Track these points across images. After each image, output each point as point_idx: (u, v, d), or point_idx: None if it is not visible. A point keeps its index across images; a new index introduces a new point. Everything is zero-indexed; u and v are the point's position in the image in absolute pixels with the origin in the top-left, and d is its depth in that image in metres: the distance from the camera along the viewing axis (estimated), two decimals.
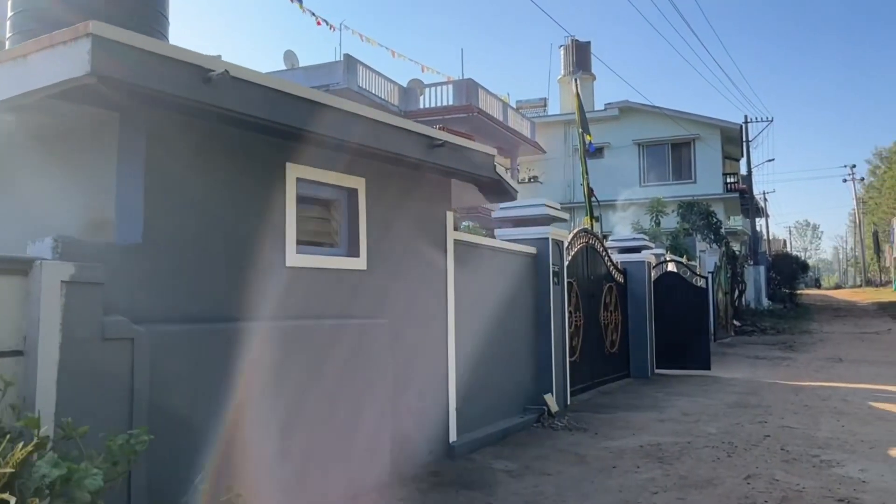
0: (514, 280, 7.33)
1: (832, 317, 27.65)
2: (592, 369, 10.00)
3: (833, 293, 52.72)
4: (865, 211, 72.12)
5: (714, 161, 29.46)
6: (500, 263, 7.02)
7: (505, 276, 7.13)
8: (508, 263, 7.23)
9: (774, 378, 11.39)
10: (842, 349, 16.07)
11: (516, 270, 7.41)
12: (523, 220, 7.87)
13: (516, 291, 7.38)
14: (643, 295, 11.73)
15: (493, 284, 6.85)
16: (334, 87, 22.32)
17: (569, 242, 9.31)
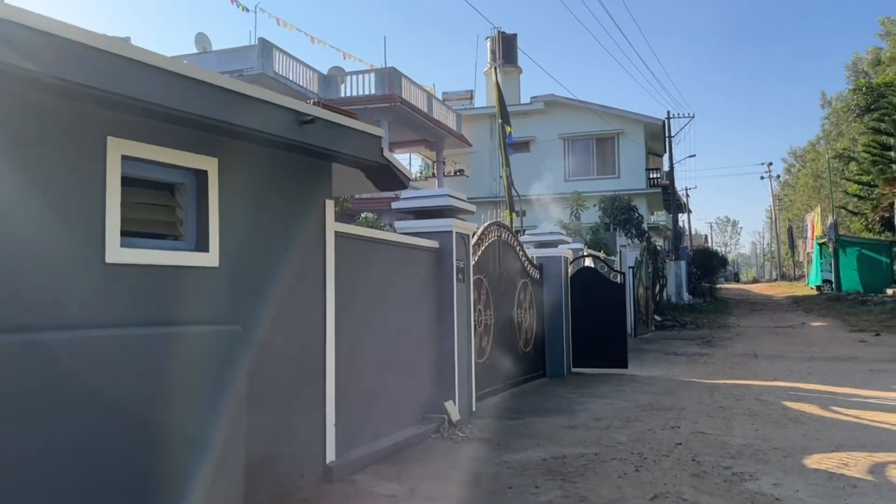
0: (412, 277, 6.67)
1: (749, 311, 28.16)
2: (504, 370, 9.46)
3: (751, 287, 54.30)
4: (781, 207, 74.78)
5: (637, 156, 29.60)
6: (395, 259, 6.35)
7: (402, 273, 6.47)
8: (406, 259, 6.56)
9: (691, 376, 11.12)
10: (758, 344, 16.10)
11: (416, 267, 6.76)
12: (426, 212, 7.23)
13: (415, 290, 6.73)
14: (559, 291, 11.28)
15: (386, 282, 6.18)
16: (248, 72, 21.27)
17: (479, 236, 8.73)
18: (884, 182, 22.54)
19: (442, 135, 28.26)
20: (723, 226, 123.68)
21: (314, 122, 4.46)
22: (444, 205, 7.07)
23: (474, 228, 7.67)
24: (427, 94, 26.95)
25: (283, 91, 22.72)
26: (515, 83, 32.55)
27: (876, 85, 30.62)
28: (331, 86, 24.62)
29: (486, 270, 8.93)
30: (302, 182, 4.93)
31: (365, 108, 23.82)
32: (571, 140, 29.93)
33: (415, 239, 6.82)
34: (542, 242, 11.41)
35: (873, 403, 8.63)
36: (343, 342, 5.35)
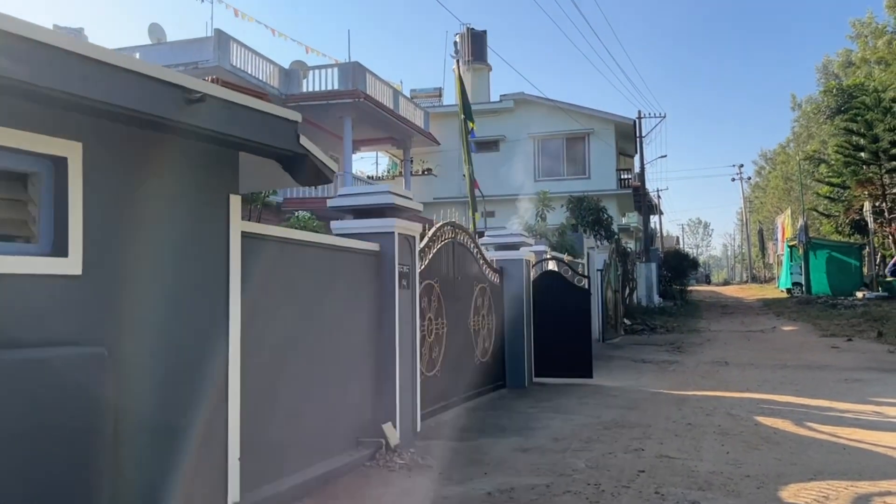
0: (347, 284, 5.94)
1: (720, 314, 27.81)
2: (458, 383, 8.76)
3: (722, 289, 54.31)
4: (752, 210, 75.17)
5: (608, 157, 29.11)
6: (324, 263, 5.61)
7: (333, 279, 5.73)
8: (339, 263, 5.82)
9: (659, 387, 10.52)
10: (728, 350, 15.60)
11: (351, 272, 6.02)
12: (365, 211, 6.49)
13: (350, 297, 6.00)
14: (521, 297, 10.62)
15: (313, 290, 5.44)
16: (203, 64, 20.34)
17: (430, 238, 8.02)
18: (856, 184, 22.29)
19: (409, 133, 27.52)
20: (694, 227, 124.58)
21: (204, 101, 3.70)
22: (384, 203, 6.34)
23: (420, 229, 6.96)
24: (393, 90, 26.19)
25: (242, 86, 21.84)
26: (485, 81, 31.94)
27: (846, 87, 30.50)
28: (292, 81, 23.75)
29: (439, 275, 8.22)
30: (197, 174, 4.18)
31: (327, 103, 23.04)
32: (541, 139, 29.36)
33: (350, 241, 6.08)
34: (502, 244, 10.73)
35: (849, 419, 8.09)
36: (252, 359, 4.60)
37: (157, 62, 21.48)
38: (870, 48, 33.83)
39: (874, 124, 21.15)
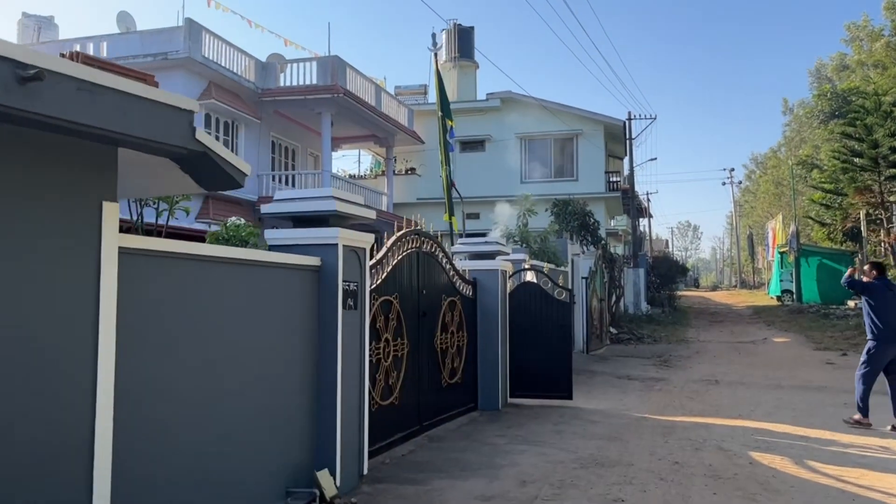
0: (276, 305, 5.02)
1: (709, 323, 27.05)
2: (421, 409, 7.87)
3: (710, 294, 53.67)
4: (742, 214, 74.67)
5: (597, 158, 28.28)
6: (245, 283, 4.69)
7: (258, 301, 4.82)
8: (265, 282, 4.91)
9: (644, 410, 9.66)
10: (718, 365, 14.78)
11: (282, 291, 5.11)
12: (306, 219, 5.58)
13: (281, 322, 5.08)
14: (496, 310, 9.73)
15: (229, 315, 4.52)
16: (173, 55, 19.37)
17: (388, 248, 7.12)
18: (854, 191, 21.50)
19: (392, 130, 26.58)
20: (684, 231, 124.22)
21: (43, 79, 2.78)
22: (326, 210, 5.43)
23: (371, 240, 6.05)
24: (375, 86, 25.25)
25: (215, 78, 20.89)
26: (471, 79, 31.04)
27: (841, 90, 29.78)
28: (269, 75, 22.77)
29: (400, 289, 7.32)
30: (54, 174, 3.26)
31: (305, 98, 22.10)
32: (529, 140, 28.48)
33: (281, 255, 5.17)
34: (477, 253, 9.85)
35: (854, 455, 7.26)
36: (133, 405, 3.69)
37: (124, 52, 20.48)
38: (865, 51, 33.17)
39: (874, 129, 20.41)
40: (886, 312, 8.54)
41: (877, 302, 8.59)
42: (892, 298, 8.63)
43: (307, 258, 5.38)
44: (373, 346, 6.61)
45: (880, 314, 8.55)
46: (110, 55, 20.20)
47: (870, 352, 8.66)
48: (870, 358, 8.67)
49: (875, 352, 8.61)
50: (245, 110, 21.62)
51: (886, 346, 8.54)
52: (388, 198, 27.13)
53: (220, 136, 21.40)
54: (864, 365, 8.72)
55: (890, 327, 8.52)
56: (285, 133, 24.82)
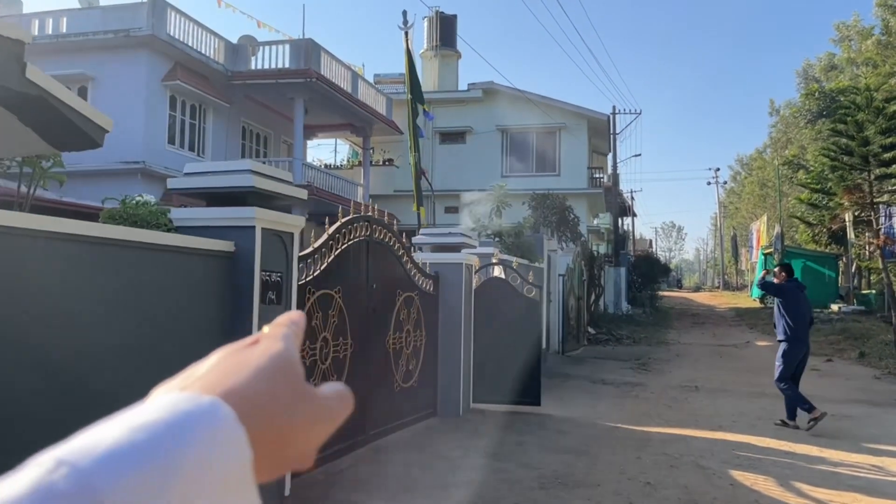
0: (170, 298, 4.18)
1: (691, 324, 26.41)
2: (368, 416, 7.05)
3: (693, 296, 53.29)
4: (726, 215, 74.35)
5: (580, 153, 27.54)
6: (128, 270, 3.84)
7: (144, 292, 3.97)
8: (157, 269, 4.07)
9: (617, 419, 8.90)
10: (699, 370, 14.07)
11: (180, 281, 4.26)
12: (220, 196, 4.74)
13: (174, 317, 4.24)
14: (459, 308, 8.92)
15: (97, 308, 3.67)
16: (135, 32, 18.38)
17: (329, 236, 6.29)
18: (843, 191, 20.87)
19: (369, 119, 25.67)
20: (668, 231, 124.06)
21: None
22: (240, 186, 4.59)
23: (301, 223, 5.21)
24: (352, 72, 24.33)
25: (181, 59, 19.92)
26: (453, 68, 30.18)
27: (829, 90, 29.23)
28: (240, 57, 21.80)
29: (343, 282, 6.49)
30: None
31: (277, 82, 21.16)
32: (510, 133, 27.67)
33: (175, 237, 4.32)
34: (440, 245, 9.03)
35: (846, 476, 6.54)
36: None
37: (85, 28, 19.44)
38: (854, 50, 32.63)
39: (865, 125, 19.80)
40: (798, 313, 8.70)
41: (789, 303, 8.72)
42: (803, 299, 8.85)
43: (215, 242, 4.54)
44: (307, 347, 5.78)
45: (792, 315, 8.68)
46: (70, 30, 19.20)
47: (785, 354, 8.74)
48: (785, 360, 8.74)
49: (790, 353, 8.71)
50: (213, 94, 20.66)
51: (799, 346, 8.71)
52: (365, 189, 26.23)
53: (187, 120, 20.45)
54: (782, 369, 8.78)
55: (802, 327, 8.70)
56: (257, 119, 23.87)
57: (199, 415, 0.33)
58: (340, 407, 0.44)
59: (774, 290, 9.01)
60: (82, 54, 18.87)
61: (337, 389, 0.44)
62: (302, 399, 0.39)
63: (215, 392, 0.35)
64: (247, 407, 0.35)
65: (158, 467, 0.30)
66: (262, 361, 0.39)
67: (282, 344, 0.42)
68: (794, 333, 8.68)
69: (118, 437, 0.31)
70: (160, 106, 19.32)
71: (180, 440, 0.32)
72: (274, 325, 0.46)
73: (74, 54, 18.88)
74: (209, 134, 21.34)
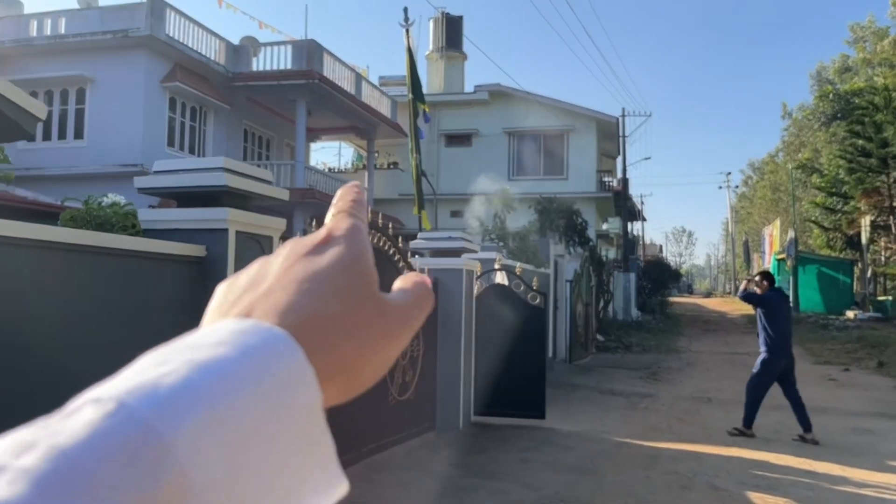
0: (131, 307, 3.77)
1: (702, 331, 25.86)
2: (359, 432, 6.61)
3: (704, 301, 52.66)
4: (738, 220, 73.61)
5: (588, 157, 27.08)
6: (85, 277, 3.44)
7: (99, 304, 3.57)
8: (116, 275, 3.66)
9: (626, 434, 8.44)
10: (711, 379, 13.58)
11: (144, 289, 3.86)
12: (190, 195, 4.33)
13: (138, 331, 3.83)
14: (460, 315, 8.49)
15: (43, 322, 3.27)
16: (134, 33, 18.08)
17: None
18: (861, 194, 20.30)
19: (373, 122, 25.29)
20: (678, 236, 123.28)
21: None
22: (212, 185, 4.18)
23: (280, 227, 4.80)
24: (356, 74, 24.00)
25: (181, 60, 19.59)
26: (459, 70, 29.79)
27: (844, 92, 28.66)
28: (242, 58, 21.50)
29: None
30: None
31: (279, 84, 20.82)
32: (518, 135, 27.25)
33: (144, 242, 3.92)
34: (439, 250, 8.61)
35: (871, 499, 6.07)
36: None
37: (84, 29, 19.15)
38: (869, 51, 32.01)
39: (883, 127, 19.26)
40: (781, 323, 8.41)
41: (772, 313, 8.42)
42: (786, 310, 8.67)
43: (183, 246, 4.13)
44: None
45: (775, 325, 8.37)
46: (68, 31, 18.93)
47: (765, 363, 8.43)
48: (764, 369, 8.43)
49: (770, 363, 8.39)
50: (214, 95, 20.34)
51: (780, 358, 8.40)
52: (369, 193, 25.87)
53: (187, 122, 20.15)
54: (758, 376, 8.48)
55: (785, 338, 8.40)
56: (259, 122, 23.55)
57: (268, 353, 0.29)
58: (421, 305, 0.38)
59: (757, 301, 8.59)
60: (81, 56, 18.60)
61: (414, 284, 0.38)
62: (379, 315, 0.35)
63: (284, 319, 0.31)
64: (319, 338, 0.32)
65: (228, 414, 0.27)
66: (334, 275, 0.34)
67: (353, 247, 0.36)
68: (776, 344, 8.35)
69: (183, 378, 0.27)
70: (159, 108, 19.02)
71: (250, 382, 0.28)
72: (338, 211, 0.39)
73: (73, 56, 18.61)
74: (210, 136, 21.03)
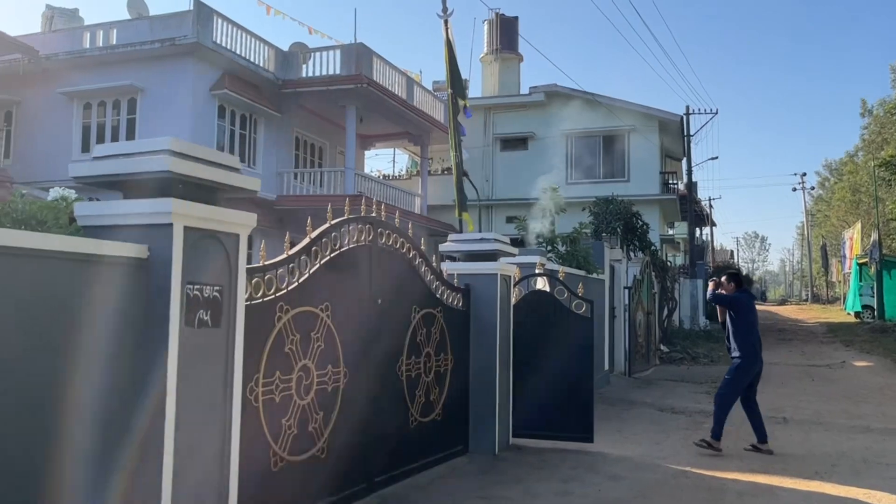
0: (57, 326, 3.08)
1: (776, 341, 24.09)
2: (371, 459, 5.82)
3: (778, 309, 49.99)
4: (814, 223, 69.97)
5: (651, 158, 25.75)
6: None
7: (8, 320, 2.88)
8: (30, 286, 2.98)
9: (687, 460, 7.38)
10: (787, 396, 12.25)
11: (70, 301, 3.17)
12: (131, 185, 3.64)
13: (65, 354, 3.14)
14: (494, 326, 7.61)
15: None
16: (181, 41, 17.90)
17: (312, 240, 5.13)
18: None
19: (426, 127, 24.65)
20: (750, 241, 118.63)
21: None
22: (154, 171, 3.47)
23: (251, 223, 4.05)
24: (407, 78, 23.40)
25: (230, 67, 19.35)
26: (514, 72, 28.91)
27: None
28: (292, 65, 21.16)
29: (334, 297, 5.31)
30: None
31: (327, 89, 20.38)
32: (575, 137, 26.13)
33: (67, 241, 3.23)
34: (472, 253, 7.75)
35: None
36: None
37: (133, 39, 19.12)
38: None
39: None
40: (752, 326, 7.93)
41: (743, 316, 7.93)
42: (754, 311, 8.15)
43: (119, 246, 3.43)
44: (277, 380, 4.62)
45: (746, 328, 7.88)
46: (119, 42, 18.95)
47: (739, 369, 7.84)
48: (738, 375, 7.85)
49: (745, 370, 7.83)
50: (264, 103, 20.05)
51: (755, 363, 7.87)
52: (423, 199, 25.22)
53: (237, 130, 19.91)
54: (731, 383, 7.89)
55: (757, 342, 7.91)
56: (311, 129, 23.19)
57: None
58: None
59: (728, 303, 8.05)
60: (131, 66, 18.58)
61: None
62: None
63: None
64: None
65: None
66: None
67: None
68: (749, 348, 7.81)
69: None
70: (208, 116, 18.81)
71: None
72: None
73: (124, 66, 18.61)
74: (260, 144, 20.76)
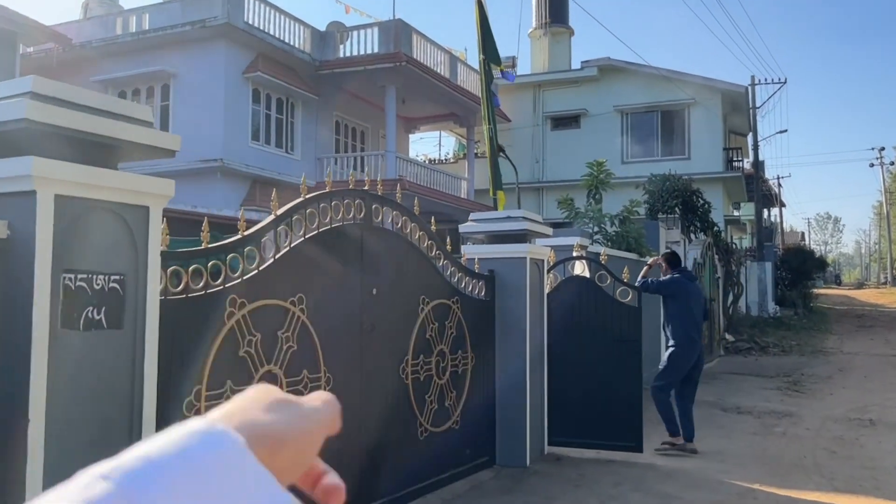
0: None
1: (855, 328, 22.24)
2: (366, 480, 4.88)
3: (854, 293, 47.12)
4: (893, 202, 65.96)
5: (714, 133, 24.03)
6: None
7: None
8: None
9: (755, 474, 6.21)
10: (871, 392, 10.81)
11: None
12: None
13: None
14: (524, 318, 6.56)
15: None
16: (211, 22, 17.27)
17: (278, 217, 4.19)
18: None
19: (472, 107, 23.44)
20: (823, 222, 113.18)
21: None
22: (10, 120, 2.57)
23: (165, 193, 3.11)
24: (450, 55, 22.33)
25: (263, 49, 18.65)
26: (565, 47, 27.46)
27: None
28: (329, 45, 20.35)
29: (310, 287, 4.36)
30: None
31: (366, 69, 19.48)
32: (631, 113, 24.58)
33: None
34: (497, 234, 6.70)
35: None
36: None
37: (165, 22, 18.60)
38: None
39: None
40: (688, 311, 7.05)
41: (678, 300, 7.05)
42: (694, 293, 7.21)
43: None
44: (228, 391, 3.71)
45: (681, 314, 7.01)
46: (151, 26, 18.46)
47: (672, 357, 7.02)
48: (671, 364, 7.03)
49: (678, 357, 7.00)
50: (300, 86, 19.31)
51: (691, 351, 7.07)
52: (469, 183, 24.16)
53: (273, 114, 19.24)
54: (664, 373, 7.08)
55: (694, 328, 7.06)
56: (351, 112, 22.38)
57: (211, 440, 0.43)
58: (329, 411, 0.52)
59: (656, 289, 7.18)
60: (163, 51, 18.07)
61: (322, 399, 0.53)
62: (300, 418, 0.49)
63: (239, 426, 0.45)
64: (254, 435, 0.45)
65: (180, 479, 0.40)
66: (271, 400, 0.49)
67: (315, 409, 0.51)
68: (685, 335, 6.98)
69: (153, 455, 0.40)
70: (242, 100, 18.17)
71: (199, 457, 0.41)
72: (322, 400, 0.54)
73: (155, 51, 18.11)
74: (298, 129, 20.05)
